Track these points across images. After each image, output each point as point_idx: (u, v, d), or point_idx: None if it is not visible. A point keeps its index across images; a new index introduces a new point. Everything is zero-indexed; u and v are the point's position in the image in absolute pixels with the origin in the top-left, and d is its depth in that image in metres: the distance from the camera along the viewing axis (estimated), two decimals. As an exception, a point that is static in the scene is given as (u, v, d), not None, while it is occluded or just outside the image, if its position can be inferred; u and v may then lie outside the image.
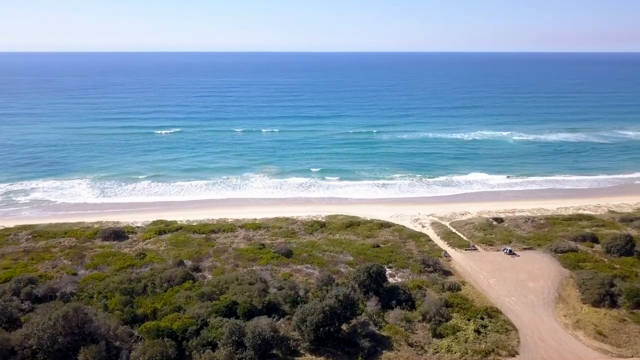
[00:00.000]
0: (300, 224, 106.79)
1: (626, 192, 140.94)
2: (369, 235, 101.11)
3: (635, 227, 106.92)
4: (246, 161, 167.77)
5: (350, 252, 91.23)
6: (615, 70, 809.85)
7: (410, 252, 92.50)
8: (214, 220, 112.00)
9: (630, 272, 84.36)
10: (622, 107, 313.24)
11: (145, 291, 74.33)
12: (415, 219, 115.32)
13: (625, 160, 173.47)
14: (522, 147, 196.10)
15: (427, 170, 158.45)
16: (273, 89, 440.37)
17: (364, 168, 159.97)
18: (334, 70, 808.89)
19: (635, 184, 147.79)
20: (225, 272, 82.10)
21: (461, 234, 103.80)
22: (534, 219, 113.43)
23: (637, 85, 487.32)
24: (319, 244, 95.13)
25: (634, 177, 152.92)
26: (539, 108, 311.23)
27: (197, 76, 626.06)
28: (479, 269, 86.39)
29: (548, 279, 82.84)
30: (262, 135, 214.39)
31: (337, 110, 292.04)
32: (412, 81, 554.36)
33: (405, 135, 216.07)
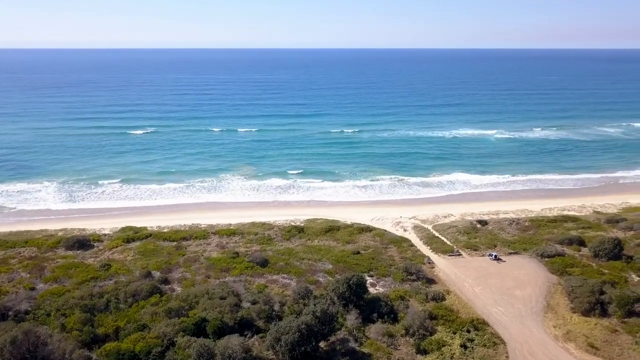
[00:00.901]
0: (277, 229, 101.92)
1: (610, 191, 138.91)
2: (349, 241, 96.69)
3: (622, 229, 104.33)
4: (223, 162, 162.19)
5: (330, 260, 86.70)
6: (595, 67, 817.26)
7: (392, 259, 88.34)
8: (187, 226, 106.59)
9: (619, 277, 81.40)
10: (603, 105, 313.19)
11: (108, 307, 68.81)
12: (397, 222, 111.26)
13: (608, 158, 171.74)
14: (504, 146, 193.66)
15: (409, 170, 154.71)
16: (252, 86, 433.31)
17: (344, 169, 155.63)
18: (314, 68, 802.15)
19: (620, 183, 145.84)
20: (196, 284, 76.93)
21: (444, 238, 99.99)
22: (518, 221, 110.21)
23: (617, 82, 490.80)
24: (296, 252, 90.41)
25: (618, 177, 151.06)
26: (520, 105, 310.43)
27: (175, 73, 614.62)
28: (464, 277, 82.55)
29: (535, 286, 79.33)
30: (240, 134, 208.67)
31: (317, 109, 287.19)
32: (393, 78, 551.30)
33: (386, 134, 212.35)
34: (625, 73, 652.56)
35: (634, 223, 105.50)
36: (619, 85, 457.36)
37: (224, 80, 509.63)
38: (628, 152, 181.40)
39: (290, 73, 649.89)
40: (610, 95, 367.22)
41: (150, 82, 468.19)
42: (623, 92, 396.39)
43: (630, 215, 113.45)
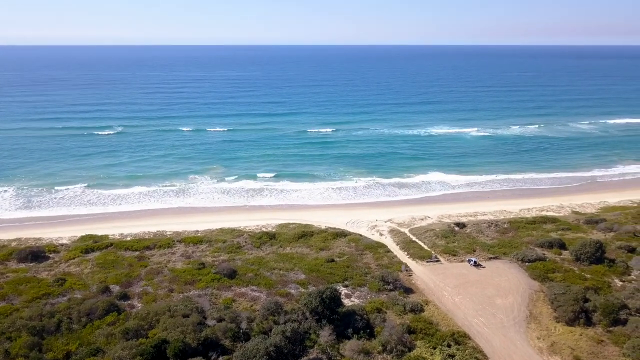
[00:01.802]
0: (247, 236, 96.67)
1: (588, 190, 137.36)
2: (323, 248, 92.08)
3: (602, 230, 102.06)
4: (192, 164, 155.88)
5: (302, 269, 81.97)
6: (568, 63, 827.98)
7: (368, 267, 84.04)
8: (152, 233, 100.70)
9: (602, 282, 78.60)
10: (577, 101, 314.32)
11: (60, 329, 62.88)
12: (373, 225, 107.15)
13: (584, 157, 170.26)
14: (481, 144, 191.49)
15: (385, 170, 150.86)
16: (225, 83, 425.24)
17: (319, 170, 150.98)
18: (289, 64, 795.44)
19: (597, 182, 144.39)
20: (158, 299, 71.40)
21: (422, 243, 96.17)
22: (497, 223, 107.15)
23: (589, 79, 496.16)
24: (267, 261, 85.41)
25: (595, 175, 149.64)
26: (496, 102, 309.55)
27: (146, 71, 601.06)
28: (443, 285, 78.70)
29: (517, 293, 75.91)
30: (211, 134, 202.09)
31: (292, 107, 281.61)
32: (369, 75, 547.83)
33: (362, 133, 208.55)
34: (596, 69, 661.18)
35: (614, 224, 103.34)
36: (591, 82, 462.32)
37: (197, 77, 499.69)
38: (603, 149, 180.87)
39: (265, 70, 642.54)
40: (584, 92, 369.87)
41: (121, 80, 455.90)
42: (596, 88, 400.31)
43: (609, 215, 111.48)
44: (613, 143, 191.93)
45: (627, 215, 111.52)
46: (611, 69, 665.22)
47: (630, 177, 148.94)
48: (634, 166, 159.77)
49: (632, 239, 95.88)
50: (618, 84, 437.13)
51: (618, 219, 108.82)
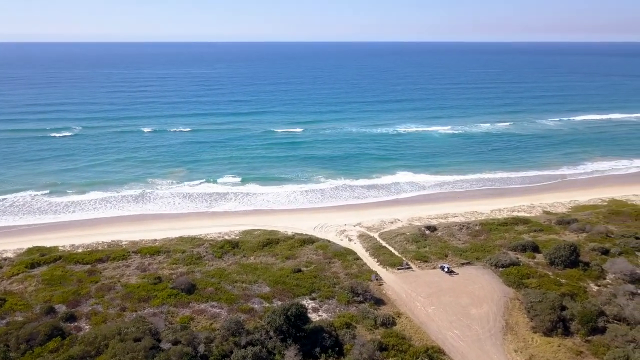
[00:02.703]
0: (208, 245, 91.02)
1: (557, 188, 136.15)
2: (289, 256, 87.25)
3: (574, 231, 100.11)
4: (152, 167, 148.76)
5: (267, 281, 76.99)
6: (531, 60, 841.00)
7: (337, 276, 79.62)
8: (106, 243, 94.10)
9: (578, 288, 76.05)
10: (544, 98, 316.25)
11: (-6, 358, 56.59)
12: (341, 230, 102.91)
13: (553, 155, 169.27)
14: (450, 142, 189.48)
15: (353, 171, 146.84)
16: (190, 82, 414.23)
17: (286, 172, 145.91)
18: (257, 61, 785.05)
19: (566, 180, 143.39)
20: (108, 319, 65.45)
21: (392, 248, 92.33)
22: (468, 225, 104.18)
23: (556, 75, 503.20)
24: (228, 272, 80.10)
25: (564, 174, 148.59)
26: (463, 100, 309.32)
27: (108, 68, 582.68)
28: (415, 294, 74.87)
29: (492, 302, 72.63)
30: (174, 135, 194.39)
31: (259, 106, 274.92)
32: (337, 72, 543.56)
33: (330, 132, 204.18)
34: (561, 66, 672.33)
35: (586, 224, 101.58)
36: (557, 78, 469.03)
37: (161, 75, 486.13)
38: (571, 146, 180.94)
39: (231, 67, 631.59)
40: (550, 89, 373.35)
41: (82, 78, 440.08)
42: (562, 85, 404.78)
43: (580, 215, 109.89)
44: (580, 140, 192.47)
45: (598, 214, 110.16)
46: (575, 66, 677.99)
47: (598, 175, 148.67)
48: (600, 163, 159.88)
49: (604, 240, 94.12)
50: (583, 81, 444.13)
51: (589, 218, 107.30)
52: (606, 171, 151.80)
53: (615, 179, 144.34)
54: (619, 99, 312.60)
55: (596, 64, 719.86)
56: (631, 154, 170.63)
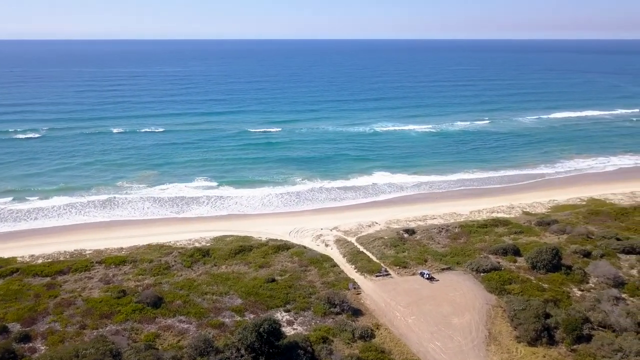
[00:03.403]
0: (177, 253, 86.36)
1: (536, 187, 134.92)
2: (262, 264, 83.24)
3: (554, 232, 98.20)
4: (122, 170, 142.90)
5: (239, 292, 72.92)
6: (507, 57, 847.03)
7: (313, 285, 75.98)
8: (68, 253, 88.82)
9: (561, 293, 73.85)
10: (521, 96, 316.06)
11: (-64, 387, 51.58)
12: (318, 235, 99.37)
13: (531, 155, 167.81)
14: (428, 141, 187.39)
15: (330, 172, 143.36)
16: (163, 80, 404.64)
17: (261, 174, 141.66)
18: (232, 59, 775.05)
19: (545, 179, 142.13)
20: (67, 338, 60.75)
21: (370, 254, 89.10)
22: (447, 228, 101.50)
23: (532, 73, 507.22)
24: (198, 283, 75.80)
25: (542, 173, 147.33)
26: (439, 98, 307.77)
27: (79, 67, 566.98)
28: (395, 303, 71.65)
29: (474, 310, 69.85)
30: (145, 136, 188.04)
31: (234, 105, 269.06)
32: (313, 70, 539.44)
33: (307, 132, 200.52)
34: (536, 63, 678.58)
35: (566, 225, 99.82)
36: (534, 76, 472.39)
37: (134, 73, 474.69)
38: (548, 145, 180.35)
39: (206, 65, 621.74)
40: (527, 86, 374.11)
41: (50, 77, 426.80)
42: (538, 82, 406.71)
43: (560, 216, 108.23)
44: (558, 138, 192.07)
45: (577, 214, 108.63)
46: (551, 63, 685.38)
47: (575, 173, 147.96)
48: (578, 161, 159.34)
49: (585, 242, 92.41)
50: (559, 78, 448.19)
51: (569, 219, 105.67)
52: (584, 170, 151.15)
53: (593, 178, 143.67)
54: (595, 96, 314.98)
55: (572, 61, 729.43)
56: (607, 152, 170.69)
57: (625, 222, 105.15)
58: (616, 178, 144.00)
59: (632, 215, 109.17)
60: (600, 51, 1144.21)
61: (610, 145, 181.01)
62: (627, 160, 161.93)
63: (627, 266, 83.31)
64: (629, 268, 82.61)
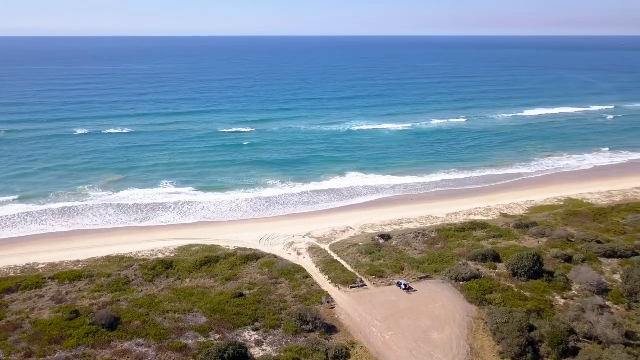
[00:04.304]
0: (137, 266, 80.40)
1: (513, 187, 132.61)
2: (230, 277, 78.03)
3: (534, 236, 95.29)
4: (83, 175, 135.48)
5: (204, 310, 67.63)
6: (479, 54, 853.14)
7: (284, 300, 71.15)
8: (19, 267, 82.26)
9: (544, 302, 70.57)
10: (496, 93, 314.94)
11: None
12: (290, 242, 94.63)
13: (505, 152, 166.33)
14: (403, 141, 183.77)
15: (303, 175, 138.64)
16: (131, 78, 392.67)
17: (230, 177, 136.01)
18: (202, 56, 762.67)
19: (521, 179, 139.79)
20: (9, 369, 54.76)
21: (345, 262, 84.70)
22: (424, 232, 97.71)
23: (506, 69, 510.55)
24: (160, 300, 70.19)
25: (520, 172, 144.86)
26: (414, 96, 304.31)
27: (43, 64, 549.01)
28: (371, 318, 67.30)
29: (454, 324, 65.97)
30: (110, 138, 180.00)
31: (205, 104, 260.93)
32: (286, 68, 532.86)
33: (278, 131, 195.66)
34: (509, 59, 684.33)
35: (545, 228, 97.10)
36: (508, 72, 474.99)
37: (101, 71, 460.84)
38: (524, 143, 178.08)
39: (176, 63, 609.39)
40: (502, 83, 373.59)
41: (11, 75, 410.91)
42: (512, 79, 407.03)
43: (539, 217, 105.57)
44: (533, 136, 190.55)
45: (556, 216, 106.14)
46: (523, 59, 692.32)
47: (551, 172, 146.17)
48: (553, 159, 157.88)
49: (566, 246, 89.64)
50: (532, 75, 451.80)
51: (548, 221, 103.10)
52: (560, 168, 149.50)
53: (569, 176, 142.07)
54: (567, 93, 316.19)
55: (543, 58, 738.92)
56: (582, 149, 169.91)
57: (604, 223, 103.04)
58: (592, 176, 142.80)
59: (610, 215, 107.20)
60: (571, 48, 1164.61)
61: (585, 143, 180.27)
62: (602, 157, 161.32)
63: (610, 271, 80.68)
64: (612, 273, 79.96)
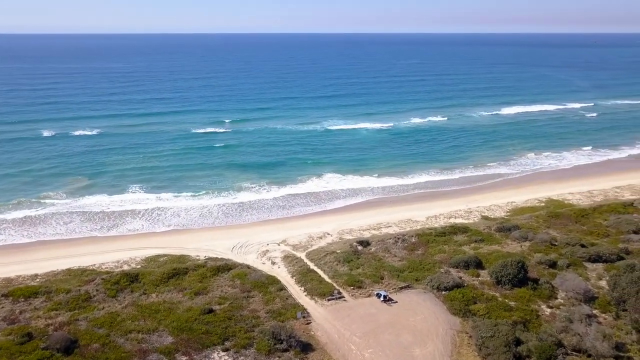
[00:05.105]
0: (100, 280, 74.94)
1: (493, 188, 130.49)
2: (199, 291, 73.19)
3: (516, 240, 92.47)
4: (47, 180, 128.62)
5: (170, 328, 62.78)
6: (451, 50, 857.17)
7: (256, 315, 66.70)
8: (-29, 285, 76.19)
9: (529, 312, 67.49)
10: (475, 91, 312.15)
11: None
12: (264, 250, 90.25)
13: (484, 151, 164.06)
14: (380, 140, 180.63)
15: (278, 177, 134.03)
16: (102, 77, 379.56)
17: (203, 181, 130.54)
18: (177, 54, 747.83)
19: (502, 179, 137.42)
20: (-51, 403, 49.32)
21: (322, 271, 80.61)
22: (404, 237, 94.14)
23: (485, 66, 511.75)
24: (122, 319, 65.08)
25: (499, 173, 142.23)
26: (393, 94, 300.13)
27: (7, 62, 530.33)
28: (349, 334, 63.27)
29: (437, 338, 62.36)
30: (78, 140, 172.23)
31: (178, 104, 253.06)
32: (263, 65, 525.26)
33: (254, 132, 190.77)
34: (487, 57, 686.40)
35: (528, 231, 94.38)
36: (487, 70, 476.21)
37: (71, 70, 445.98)
38: (504, 142, 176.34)
39: (150, 61, 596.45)
40: (481, 81, 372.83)
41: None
42: (491, 77, 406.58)
43: (520, 220, 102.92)
44: (512, 135, 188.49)
45: (538, 218, 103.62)
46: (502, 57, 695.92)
47: (531, 172, 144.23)
48: (533, 159, 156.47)
49: (549, 250, 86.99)
50: (511, 72, 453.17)
51: (530, 223, 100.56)
52: (540, 168, 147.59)
53: (549, 176, 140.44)
54: (546, 91, 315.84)
55: (521, 55, 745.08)
56: (561, 148, 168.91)
57: (586, 224, 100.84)
58: (572, 175, 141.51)
59: (592, 216, 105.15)
60: (546, 45, 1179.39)
61: (564, 142, 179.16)
62: (581, 156, 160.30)
63: (595, 277, 78.10)
64: (597, 279, 77.38)
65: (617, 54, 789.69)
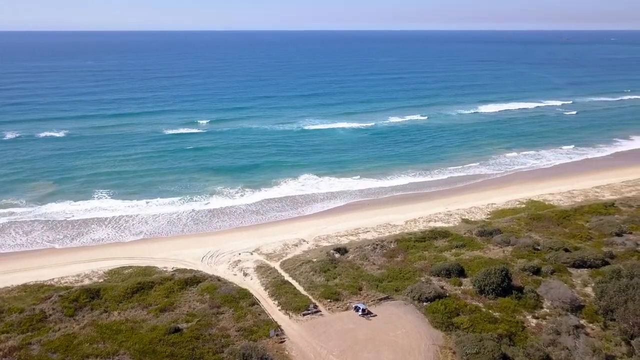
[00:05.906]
0: (57, 298, 69.42)
1: (473, 189, 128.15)
2: (165, 307, 68.24)
3: (498, 244, 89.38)
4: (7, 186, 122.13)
5: (131, 351, 57.85)
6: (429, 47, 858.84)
7: (226, 334, 62.12)
8: None
9: (515, 324, 64.19)
10: (453, 89, 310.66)
11: None
12: (235, 260, 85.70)
13: (463, 151, 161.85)
14: (358, 140, 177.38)
15: (253, 180, 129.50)
16: (73, 76, 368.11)
17: (172, 185, 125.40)
18: (151, 52, 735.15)
19: (481, 180, 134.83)
20: None
21: (297, 283, 76.40)
22: (382, 243, 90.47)
23: (464, 64, 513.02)
24: (79, 341, 59.81)
25: (480, 173, 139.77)
26: (368, 93, 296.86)
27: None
28: (326, 352, 59.15)
29: (419, 355, 58.66)
30: (44, 143, 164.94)
31: (151, 104, 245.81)
32: (240, 64, 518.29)
33: (228, 132, 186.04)
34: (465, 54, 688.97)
35: (510, 235, 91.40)
36: (465, 67, 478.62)
37: (39, 69, 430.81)
38: (483, 141, 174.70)
39: (123, 59, 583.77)
40: (460, 79, 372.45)
41: None
42: (471, 74, 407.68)
43: (502, 223, 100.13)
44: (492, 134, 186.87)
45: (519, 221, 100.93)
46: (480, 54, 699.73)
47: (511, 172, 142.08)
48: (512, 158, 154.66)
49: (533, 255, 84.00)
50: (489, 69, 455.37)
51: (511, 226, 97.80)
52: (520, 168, 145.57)
53: (529, 176, 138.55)
54: (523, 89, 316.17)
55: (497, 52, 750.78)
56: (540, 147, 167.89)
57: (568, 227, 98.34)
58: (552, 175, 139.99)
59: (573, 218, 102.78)
60: (521, 42, 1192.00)
61: (543, 140, 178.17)
62: (560, 155, 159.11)
63: (580, 283, 75.31)
64: (583, 285, 74.60)
65: (592, 50, 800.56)
